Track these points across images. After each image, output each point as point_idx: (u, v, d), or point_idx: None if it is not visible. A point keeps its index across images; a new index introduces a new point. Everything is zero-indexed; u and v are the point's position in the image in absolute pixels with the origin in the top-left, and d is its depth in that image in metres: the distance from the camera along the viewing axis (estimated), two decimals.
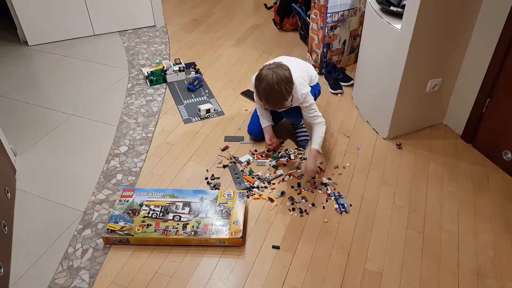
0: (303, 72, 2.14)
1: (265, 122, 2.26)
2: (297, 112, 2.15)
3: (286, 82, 1.88)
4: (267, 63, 2.05)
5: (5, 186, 1.96)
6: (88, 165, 2.21)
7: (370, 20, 2.31)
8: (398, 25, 2.05)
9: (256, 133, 2.31)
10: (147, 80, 2.85)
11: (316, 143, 2.08)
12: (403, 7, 2.06)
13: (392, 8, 2.14)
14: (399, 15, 2.10)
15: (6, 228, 1.82)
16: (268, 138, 2.24)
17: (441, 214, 1.92)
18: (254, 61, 3.12)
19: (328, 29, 2.75)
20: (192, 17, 3.81)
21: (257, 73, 1.96)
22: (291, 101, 2.04)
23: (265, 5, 3.97)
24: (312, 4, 2.75)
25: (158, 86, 2.84)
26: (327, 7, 2.64)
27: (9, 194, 1.98)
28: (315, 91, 2.26)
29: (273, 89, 1.86)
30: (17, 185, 2.10)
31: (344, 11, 2.72)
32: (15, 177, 2.15)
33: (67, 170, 2.19)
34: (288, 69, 1.94)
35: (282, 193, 2.02)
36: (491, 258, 1.73)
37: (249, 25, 3.66)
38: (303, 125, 2.35)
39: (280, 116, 2.35)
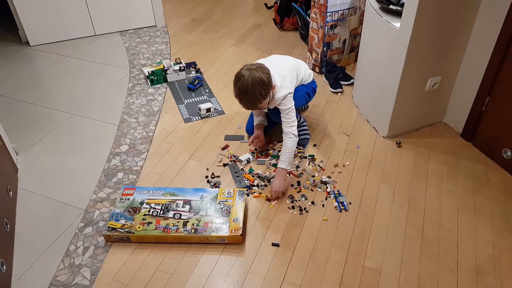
0: (290, 73, 2.10)
1: (256, 120, 2.28)
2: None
3: (261, 85, 1.88)
4: (256, 62, 2.06)
5: (7, 184, 1.98)
6: (90, 164, 2.23)
7: (370, 19, 2.32)
8: (397, 24, 2.06)
9: (253, 132, 2.32)
10: (148, 80, 2.86)
11: (283, 160, 1.99)
12: (402, 5, 2.07)
13: (391, 6, 2.15)
14: (398, 14, 2.10)
15: (8, 226, 1.83)
16: (254, 136, 2.25)
17: (441, 212, 1.93)
18: (255, 60, 3.08)
19: (328, 28, 2.76)
20: (193, 17, 3.82)
21: (236, 73, 1.96)
22: (268, 103, 2.01)
23: (266, 4, 3.98)
24: (312, 3, 2.76)
25: (158, 85, 2.86)
26: (327, 6, 2.65)
27: (11, 192, 1.99)
28: (309, 89, 2.26)
29: (246, 90, 1.88)
30: (19, 184, 2.12)
31: (344, 10, 2.73)
32: (17, 176, 2.16)
33: (69, 169, 2.20)
34: (268, 73, 1.92)
35: None
36: (490, 255, 1.74)
37: (249, 25, 3.68)
38: (304, 124, 2.36)
39: (278, 118, 2.36)
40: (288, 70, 2.11)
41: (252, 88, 1.86)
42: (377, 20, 2.20)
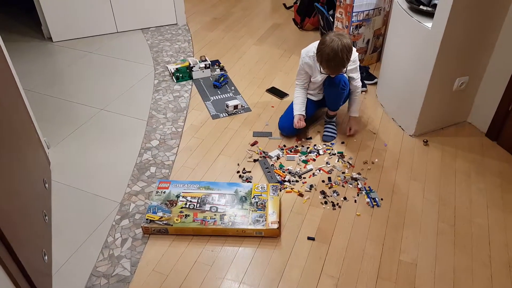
0: None
1: (297, 110, 2.30)
2: (339, 97, 2.25)
3: (348, 50, 2.00)
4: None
5: (43, 177, 2.01)
6: (121, 158, 2.26)
7: (398, 19, 2.35)
8: (428, 24, 2.09)
9: (287, 129, 2.35)
10: (173, 77, 2.89)
11: (355, 110, 2.37)
12: (433, 6, 2.11)
13: (421, 7, 2.18)
14: (427, 14, 2.14)
15: (47, 217, 1.86)
16: (297, 119, 2.28)
17: (471, 208, 1.96)
18: (277, 59, 3.16)
19: (353, 28, 2.79)
20: (213, 16, 3.86)
21: (320, 39, 2.07)
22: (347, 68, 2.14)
23: (284, 4, 4.02)
24: (338, 3, 2.80)
25: (184, 82, 2.89)
26: (353, 6, 2.68)
27: (47, 184, 2.02)
28: (345, 78, 2.29)
29: (336, 55, 1.98)
30: (52, 177, 2.15)
31: (369, 10, 2.76)
32: (50, 169, 2.19)
33: (101, 163, 2.23)
34: (350, 38, 2.05)
35: (311, 187, 2.06)
36: None
37: (269, 24, 3.71)
38: (334, 122, 2.40)
39: (312, 112, 2.39)
40: None
41: (342, 53, 1.98)
42: (407, 20, 2.23)
